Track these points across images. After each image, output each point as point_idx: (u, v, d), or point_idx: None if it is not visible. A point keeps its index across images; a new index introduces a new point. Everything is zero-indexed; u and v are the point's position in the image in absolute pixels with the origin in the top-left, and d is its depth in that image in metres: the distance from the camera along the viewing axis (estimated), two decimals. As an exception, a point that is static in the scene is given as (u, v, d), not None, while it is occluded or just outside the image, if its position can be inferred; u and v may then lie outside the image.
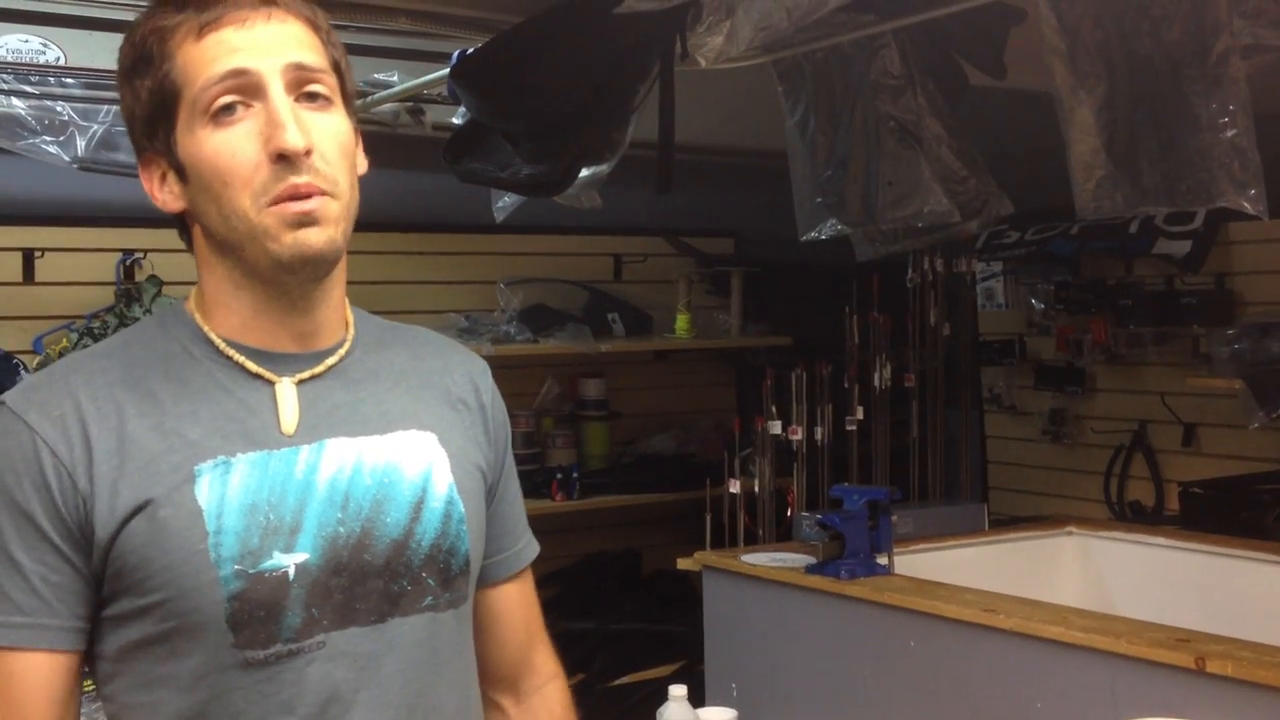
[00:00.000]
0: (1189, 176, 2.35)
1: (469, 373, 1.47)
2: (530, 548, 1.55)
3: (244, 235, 1.25)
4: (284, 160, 1.23)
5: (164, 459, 1.24)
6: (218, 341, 1.31)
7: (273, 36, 1.25)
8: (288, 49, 1.26)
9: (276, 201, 1.24)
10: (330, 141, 1.27)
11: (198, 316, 1.33)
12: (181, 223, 1.35)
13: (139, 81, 1.28)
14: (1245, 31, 2.30)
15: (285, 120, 1.23)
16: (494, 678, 1.52)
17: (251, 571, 1.23)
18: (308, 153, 1.24)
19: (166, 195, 1.31)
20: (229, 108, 1.24)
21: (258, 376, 1.30)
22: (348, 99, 1.33)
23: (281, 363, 1.32)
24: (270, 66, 1.24)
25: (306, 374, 1.33)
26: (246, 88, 1.24)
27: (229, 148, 1.24)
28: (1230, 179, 2.27)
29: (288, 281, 1.29)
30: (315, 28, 1.30)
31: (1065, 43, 2.41)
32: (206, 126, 1.24)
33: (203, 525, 1.23)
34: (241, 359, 1.30)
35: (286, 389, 1.31)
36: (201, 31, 1.24)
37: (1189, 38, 2.32)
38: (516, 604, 1.52)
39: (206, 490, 1.24)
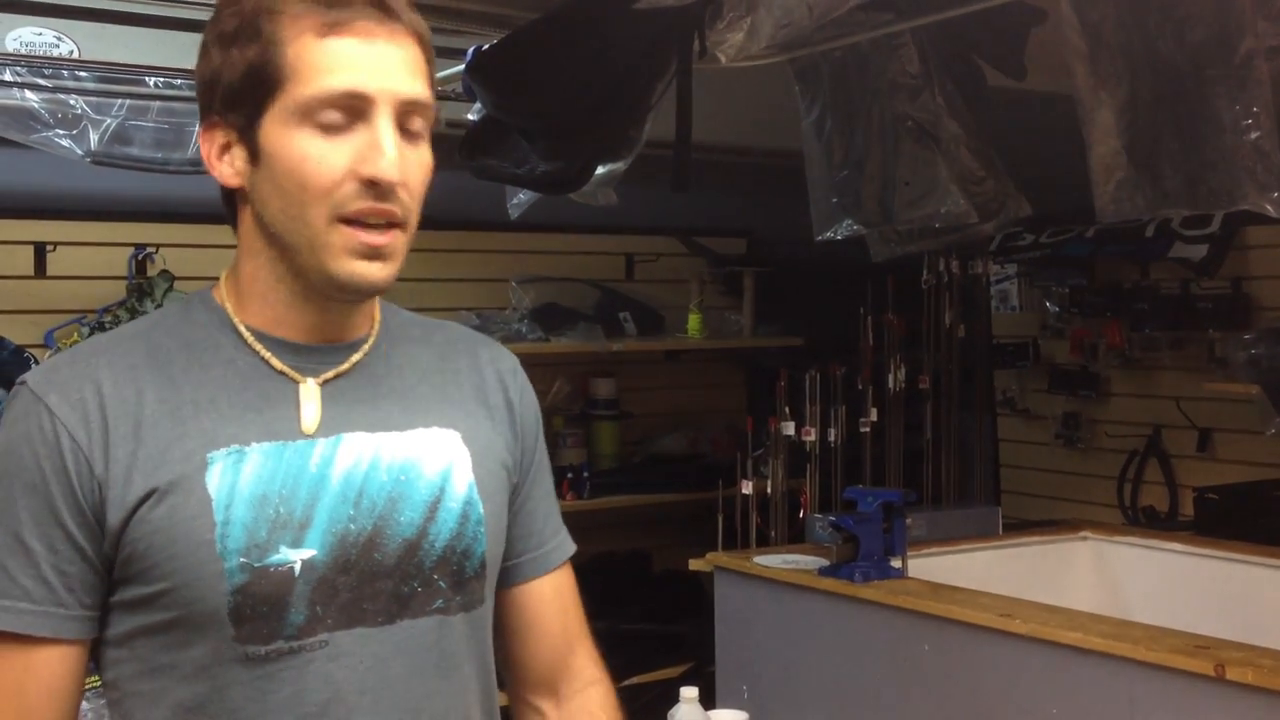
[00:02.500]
0: (1211, 179, 2.33)
1: (497, 370, 1.45)
2: (563, 547, 1.53)
3: (304, 242, 1.25)
4: (373, 185, 1.23)
5: (178, 445, 1.23)
6: (245, 333, 1.30)
7: (392, 59, 1.24)
8: (403, 78, 1.24)
9: (348, 220, 1.23)
10: (417, 176, 1.27)
11: (229, 305, 1.31)
12: (228, 197, 1.32)
13: (235, 50, 1.24)
14: (1270, 33, 2.29)
15: (388, 151, 1.23)
16: (531, 681, 1.49)
17: (256, 565, 1.22)
18: (401, 185, 1.25)
19: (226, 169, 1.28)
20: (335, 119, 1.23)
21: (281, 374, 1.29)
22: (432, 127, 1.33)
23: (307, 356, 1.31)
24: (385, 95, 1.23)
25: (331, 373, 1.32)
26: (357, 109, 1.23)
27: (320, 156, 1.22)
28: (1253, 181, 2.25)
29: (334, 297, 1.30)
30: (425, 46, 1.29)
31: (1087, 43, 2.39)
32: (304, 129, 1.22)
33: (210, 515, 1.21)
34: (269, 355, 1.29)
35: (310, 390, 1.30)
36: (324, 31, 1.22)
37: (1212, 39, 2.30)
38: (550, 604, 1.49)
39: (217, 479, 1.22)
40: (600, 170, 2.78)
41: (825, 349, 3.72)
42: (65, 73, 2.90)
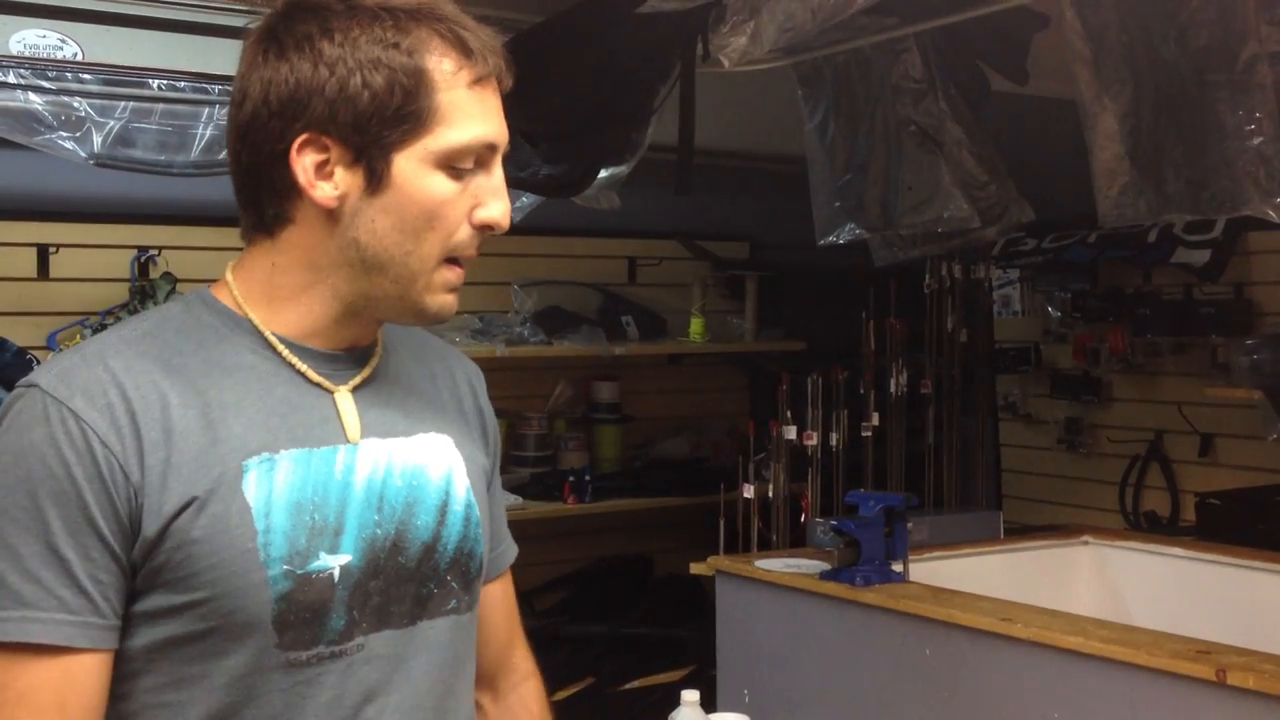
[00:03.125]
0: (1214, 184, 2.33)
1: (467, 376, 1.48)
2: (512, 549, 1.56)
3: (409, 273, 1.27)
4: (483, 229, 1.28)
5: (211, 452, 1.22)
6: (273, 340, 1.29)
7: (500, 108, 1.29)
8: (505, 125, 1.30)
9: (453, 261, 1.29)
10: (509, 221, 1.32)
11: (250, 310, 1.29)
12: (279, 207, 1.27)
13: (374, 75, 1.23)
14: (1273, 38, 2.29)
15: (505, 197, 1.30)
16: (475, 676, 1.50)
17: (300, 572, 1.22)
18: None
19: (326, 187, 1.25)
20: (466, 164, 1.27)
21: (316, 385, 1.30)
22: None
23: (334, 364, 1.31)
24: (504, 143, 1.30)
25: (358, 380, 1.32)
26: (484, 157, 1.28)
27: (452, 199, 1.26)
28: (1256, 187, 2.25)
29: (404, 323, 1.34)
30: None
31: (1090, 48, 2.40)
32: (439, 170, 1.25)
33: (252, 523, 1.21)
34: (305, 367, 1.29)
35: (346, 398, 1.31)
36: (474, 83, 1.26)
37: (1216, 44, 2.31)
38: (499, 604, 1.52)
39: (254, 487, 1.22)
40: (603, 174, 2.79)
41: (827, 353, 3.71)
42: (69, 75, 2.91)
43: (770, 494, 3.19)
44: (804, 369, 3.34)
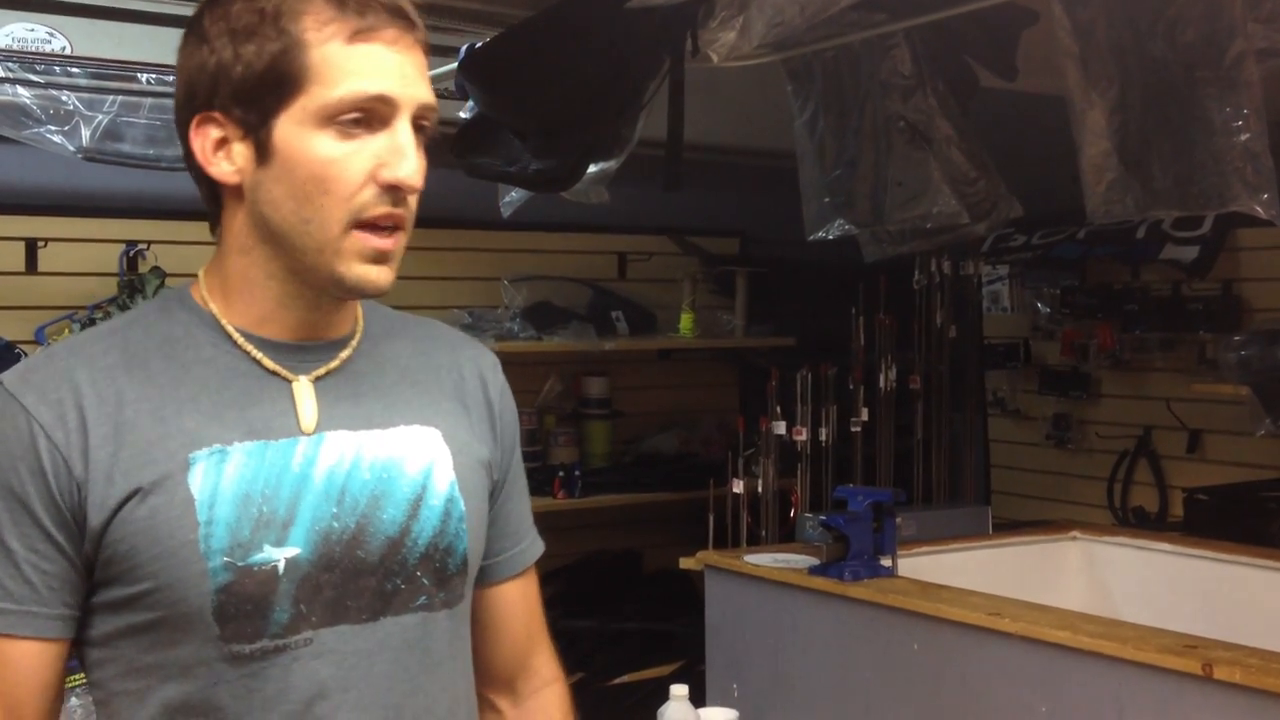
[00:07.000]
0: (1201, 180, 2.34)
1: (478, 367, 1.46)
2: (534, 547, 1.53)
3: (314, 244, 1.24)
4: (392, 190, 1.24)
5: (160, 445, 1.23)
6: (232, 332, 1.29)
7: (413, 66, 1.26)
8: (421, 85, 1.26)
9: (363, 226, 1.24)
10: (421, 180, 1.28)
11: (213, 304, 1.30)
12: (212, 193, 1.30)
13: (251, 46, 1.22)
14: (1260, 35, 2.30)
15: (412, 156, 1.25)
16: (491, 678, 1.49)
17: (240, 564, 1.22)
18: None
19: (224, 165, 1.25)
20: (356, 122, 1.23)
21: (274, 374, 1.29)
22: None
23: (296, 355, 1.31)
24: (408, 100, 1.25)
25: (321, 370, 1.32)
26: (381, 113, 1.24)
27: (344, 160, 1.23)
28: (1243, 183, 2.26)
29: (336, 297, 1.30)
30: (428, 54, 1.30)
31: (1078, 45, 2.40)
32: (327, 130, 1.22)
33: (194, 515, 1.21)
34: (259, 355, 1.29)
35: (304, 387, 1.30)
36: (352, 37, 1.23)
37: (1203, 41, 2.31)
38: (517, 604, 1.50)
39: (200, 479, 1.22)
40: (592, 169, 2.79)
41: (817, 349, 3.72)
42: (57, 69, 2.90)
43: (759, 489, 3.20)
44: (794, 364, 3.35)
